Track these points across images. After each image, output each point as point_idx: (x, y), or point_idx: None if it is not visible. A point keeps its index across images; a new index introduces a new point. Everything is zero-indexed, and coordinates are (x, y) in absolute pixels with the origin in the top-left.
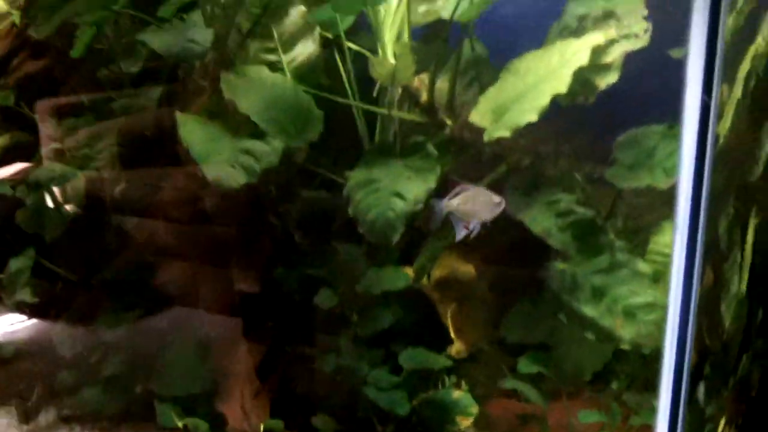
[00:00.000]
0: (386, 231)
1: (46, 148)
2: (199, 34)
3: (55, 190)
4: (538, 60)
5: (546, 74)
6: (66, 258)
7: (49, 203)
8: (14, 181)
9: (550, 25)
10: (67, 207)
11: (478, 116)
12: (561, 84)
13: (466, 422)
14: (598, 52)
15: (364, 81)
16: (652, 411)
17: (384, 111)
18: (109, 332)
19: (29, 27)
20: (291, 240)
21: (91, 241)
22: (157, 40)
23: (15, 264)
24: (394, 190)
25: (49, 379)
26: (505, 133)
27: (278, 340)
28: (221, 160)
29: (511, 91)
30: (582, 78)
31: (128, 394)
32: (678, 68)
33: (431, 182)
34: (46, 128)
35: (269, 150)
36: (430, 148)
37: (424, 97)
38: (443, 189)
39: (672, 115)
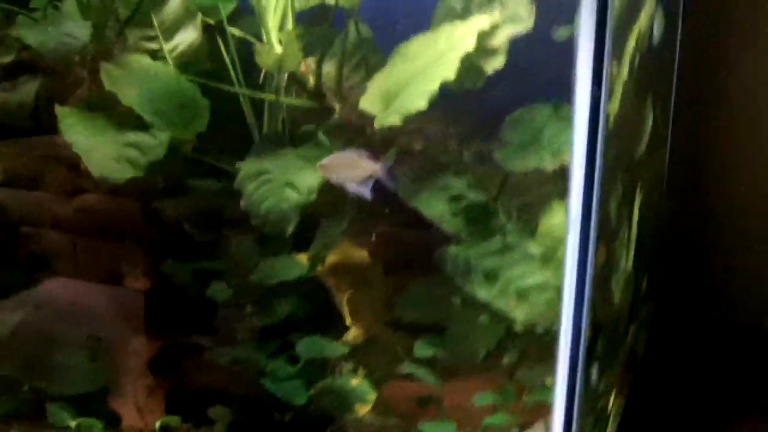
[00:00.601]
0: (281, 223)
1: None
2: (77, 27)
3: None
4: (426, 44)
5: (434, 59)
6: None
7: None
8: None
9: (434, 7)
10: None
11: (367, 102)
12: (449, 70)
13: (364, 409)
14: (484, 35)
15: (249, 67)
16: (546, 389)
17: (271, 97)
18: None
19: None
20: (182, 233)
21: None
22: (31, 35)
23: None
24: (286, 181)
25: None
26: (396, 121)
27: (172, 334)
28: (106, 155)
29: (399, 76)
30: (469, 63)
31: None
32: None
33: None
34: None
35: (155, 143)
36: (322, 136)
37: (311, 82)
38: None
39: (559, 95)
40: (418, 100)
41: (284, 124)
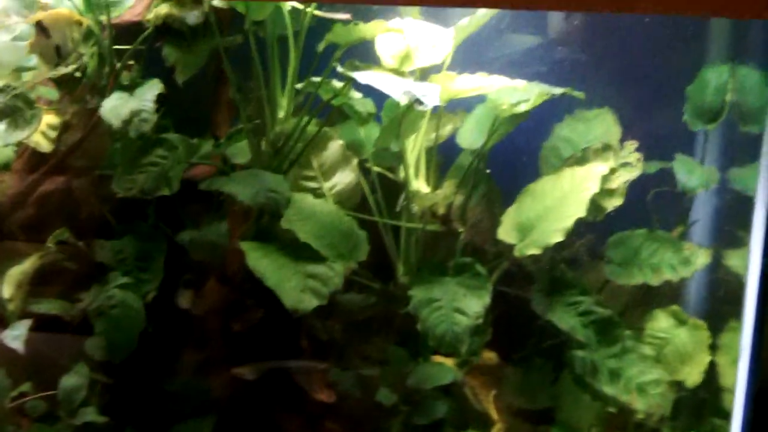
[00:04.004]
0: (455, 343)
1: None
2: (277, 183)
3: None
4: (551, 185)
5: (562, 198)
6: None
7: None
8: None
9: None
10: None
11: (504, 233)
12: (581, 209)
13: None
14: (605, 179)
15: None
16: None
17: (418, 226)
18: None
19: None
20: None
21: None
22: (235, 188)
23: None
24: (455, 307)
25: None
26: (537, 251)
27: None
28: (293, 287)
29: (530, 212)
30: (594, 202)
31: None
32: None
33: (486, 299)
34: None
35: (333, 273)
36: (479, 267)
37: (441, 210)
38: None
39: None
40: (555, 234)
41: (416, 245)
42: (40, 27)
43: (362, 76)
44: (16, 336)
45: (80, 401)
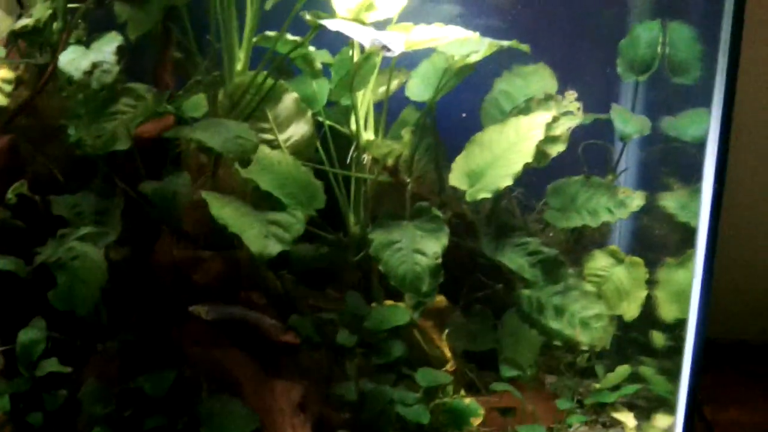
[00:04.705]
0: (416, 282)
1: None
2: (243, 131)
3: None
4: (498, 134)
5: (509, 146)
6: None
7: None
8: None
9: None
10: None
11: (455, 180)
12: (528, 155)
13: (477, 422)
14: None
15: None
16: None
17: (368, 176)
18: None
19: None
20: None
21: None
22: (203, 136)
23: None
24: (415, 248)
25: None
26: (487, 195)
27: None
28: (256, 233)
29: (479, 160)
30: (539, 149)
31: None
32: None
33: (444, 240)
34: None
35: (295, 220)
36: (436, 210)
37: (389, 163)
38: None
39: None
40: (505, 179)
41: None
42: None
43: (332, 24)
44: None
45: (38, 354)
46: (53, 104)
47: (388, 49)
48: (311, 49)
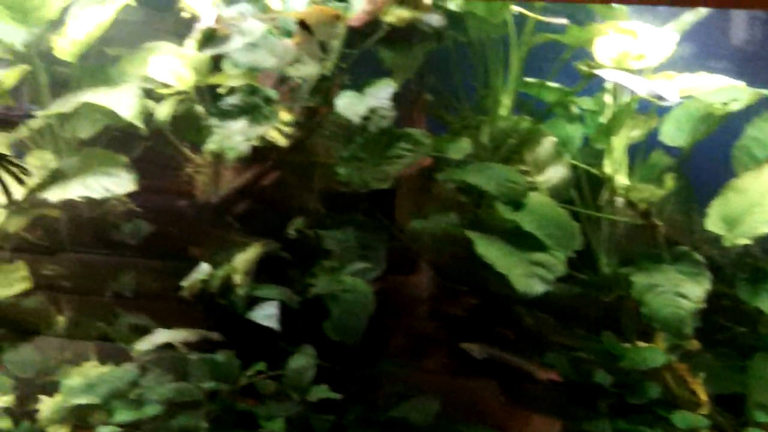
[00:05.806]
0: (680, 325)
1: None
2: (513, 175)
3: None
4: (753, 180)
5: (763, 193)
6: None
7: None
8: None
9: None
10: None
11: (711, 224)
12: None
13: None
14: None
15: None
16: None
17: (626, 219)
18: None
19: None
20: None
21: None
22: (476, 179)
23: None
24: (677, 292)
25: None
26: (747, 241)
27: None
28: (521, 272)
29: (736, 205)
30: None
31: None
32: None
33: (706, 285)
34: None
35: (557, 261)
36: (696, 255)
37: (643, 205)
38: None
39: None
40: (764, 225)
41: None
42: (303, 25)
43: (607, 74)
44: (268, 315)
45: (309, 381)
46: (317, 143)
47: (663, 99)
48: None
